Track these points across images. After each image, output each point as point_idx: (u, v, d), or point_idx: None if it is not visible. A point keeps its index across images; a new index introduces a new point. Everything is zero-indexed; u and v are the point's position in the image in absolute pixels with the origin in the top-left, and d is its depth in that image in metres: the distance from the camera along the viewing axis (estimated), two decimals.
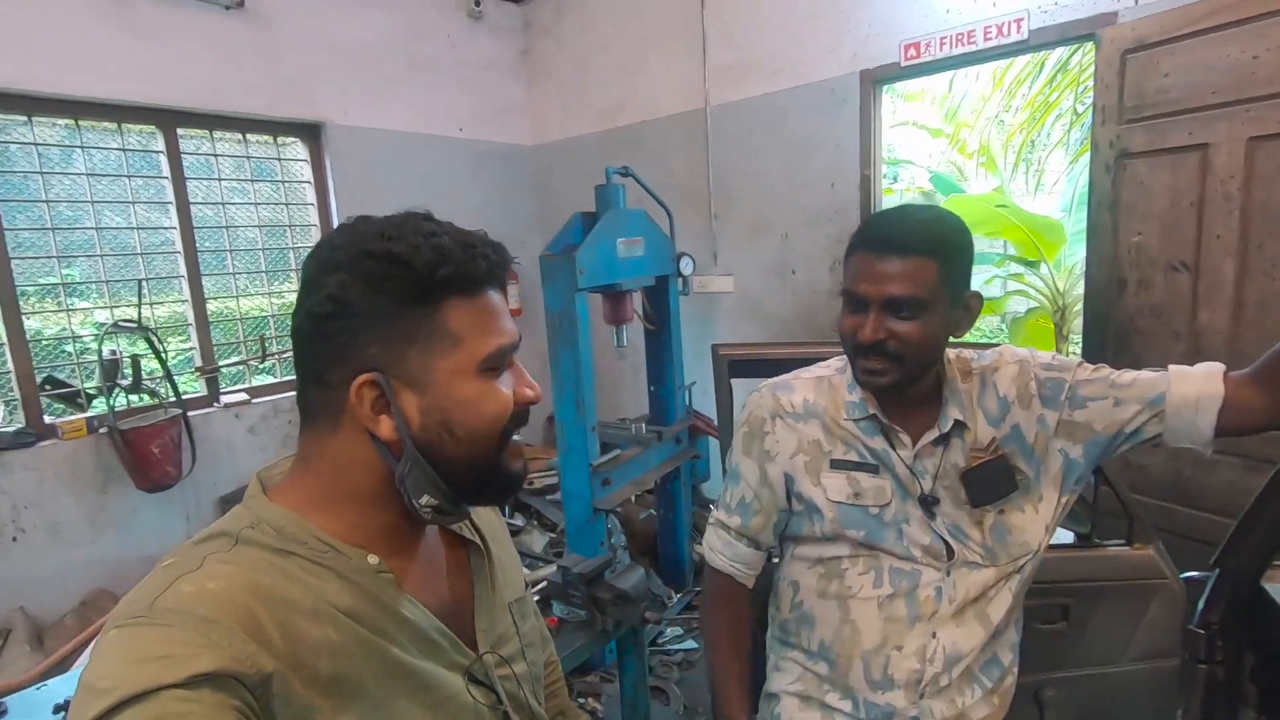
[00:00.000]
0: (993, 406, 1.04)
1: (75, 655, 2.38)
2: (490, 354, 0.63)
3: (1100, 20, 2.52)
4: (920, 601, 1.01)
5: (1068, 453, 1.02)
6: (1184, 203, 2.29)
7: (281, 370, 3.64)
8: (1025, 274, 5.43)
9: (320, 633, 0.57)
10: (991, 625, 1.02)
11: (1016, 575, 1.04)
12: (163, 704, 0.47)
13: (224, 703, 0.49)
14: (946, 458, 1.02)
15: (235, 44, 3.19)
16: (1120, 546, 1.48)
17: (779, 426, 1.09)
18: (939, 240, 0.94)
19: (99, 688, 0.47)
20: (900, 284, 0.92)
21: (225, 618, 0.52)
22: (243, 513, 0.63)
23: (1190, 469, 2.34)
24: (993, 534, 1.02)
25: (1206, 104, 2.19)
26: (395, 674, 0.62)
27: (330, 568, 0.61)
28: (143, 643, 0.50)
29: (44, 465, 2.74)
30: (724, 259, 3.79)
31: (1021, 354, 1.07)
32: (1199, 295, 2.28)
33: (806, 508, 1.07)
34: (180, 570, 0.55)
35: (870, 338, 0.94)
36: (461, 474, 0.64)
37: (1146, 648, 1.45)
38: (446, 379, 0.62)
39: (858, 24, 3.11)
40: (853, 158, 3.24)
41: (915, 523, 1.02)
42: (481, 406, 0.63)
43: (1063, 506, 1.06)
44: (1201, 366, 0.96)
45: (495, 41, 4.36)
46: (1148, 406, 0.96)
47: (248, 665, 0.51)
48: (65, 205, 2.91)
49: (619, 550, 3.12)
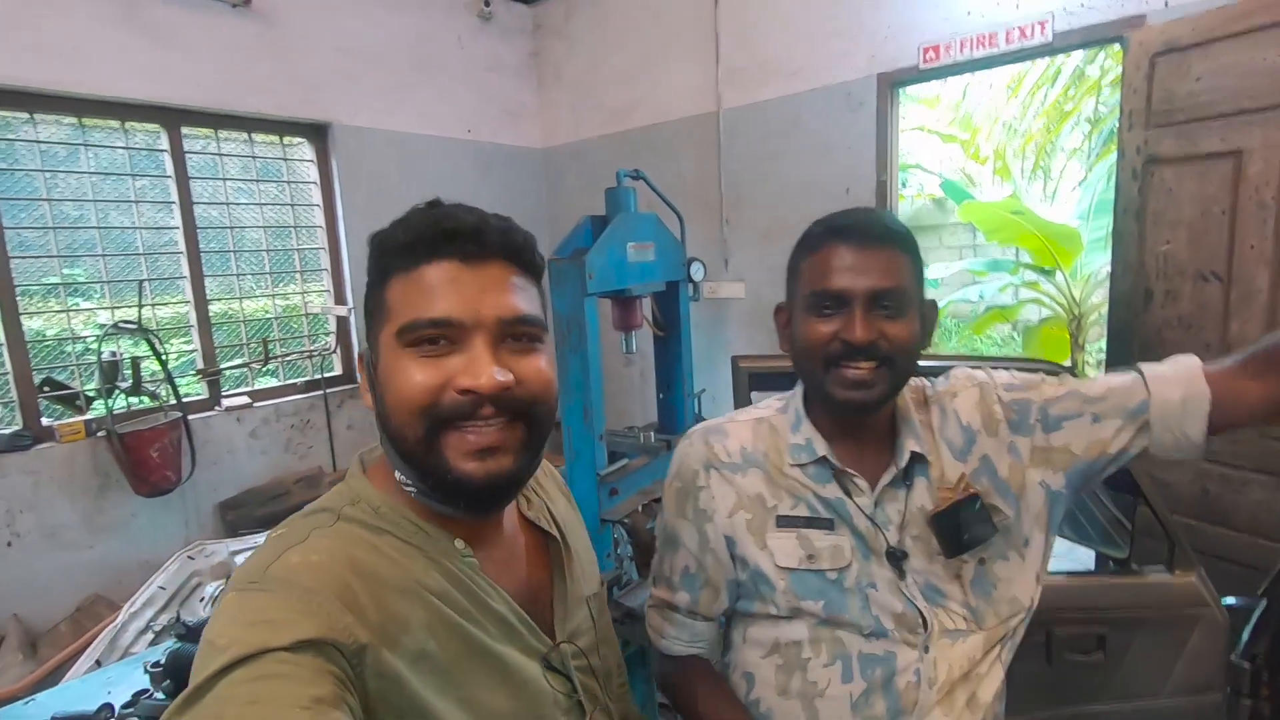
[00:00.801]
0: (956, 437, 0.90)
1: (68, 665, 2.32)
2: (404, 324, 0.60)
3: (1128, 23, 2.45)
4: (900, 692, 0.84)
5: (1049, 484, 0.88)
6: (1215, 210, 2.21)
7: (285, 373, 3.59)
8: (1040, 282, 5.35)
9: (409, 610, 0.60)
10: (982, 709, 0.86)
11: (1008, 641, 0.89)
12: (269, 665, 0.50)
13: (322, 668, 0.52)
14: (911, 501, 0.87)
15: (242, 43, 3.15)
16: (1160, 573, 1.40)
17: (714, 479, 0.92)
18: (907, 236, 0.86)
19: (219, 645, 0.51)
20: (886, 275, 0.81)
21: (326, 589, 0.55)
22: (344, 490, 0.66)
23: (1218, 486, 2.26)
24: (975, 590, 0.86)
25: (1241, 109, 2.12)
26: (476, 654, 0.63)
27: (419, 548, 0.63)
28: (254, 606, 0.54)
29: (40, 468, 2.69)
30: (735, 265, 3.73)
31: (979, 375, 0.94)
32: (1231, 306, 2.20)
33: (752, 577, 0.90)
34: (289, 542, 0.59)
35: (864, 337, 0.80)
36: (408, 459, 0.62)
37: (1187, 681, 1.37)
38: (383, 351, 0.63)
39: (875, 26, 3.05)
40: (868, 162, 3.17)
41: (884, 586, 0.86)
42: (397, 381, 0.61)
43: (1049, 550, 0.92)
44: (1174, 364, 0.84)
45: (505, 43, 4.32)
46: (1129, 419, 0.84)
47: (345, 635, 0.54)
48: (69, 204, 2.87)
49: (626, 561, 3.05)
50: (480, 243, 0.62)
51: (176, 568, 2.62)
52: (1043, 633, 1.34)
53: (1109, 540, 1.50)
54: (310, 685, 0.50)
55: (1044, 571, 0.92)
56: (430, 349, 0.60)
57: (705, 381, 3.40)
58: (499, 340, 0.62)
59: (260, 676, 0.49)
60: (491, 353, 0.60)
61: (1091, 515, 1.57)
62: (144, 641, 2.36)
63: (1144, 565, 1.41)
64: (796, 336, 0.89)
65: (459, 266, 0.61)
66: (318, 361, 3.62)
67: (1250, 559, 2.12)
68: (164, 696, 1.59)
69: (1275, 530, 2.09)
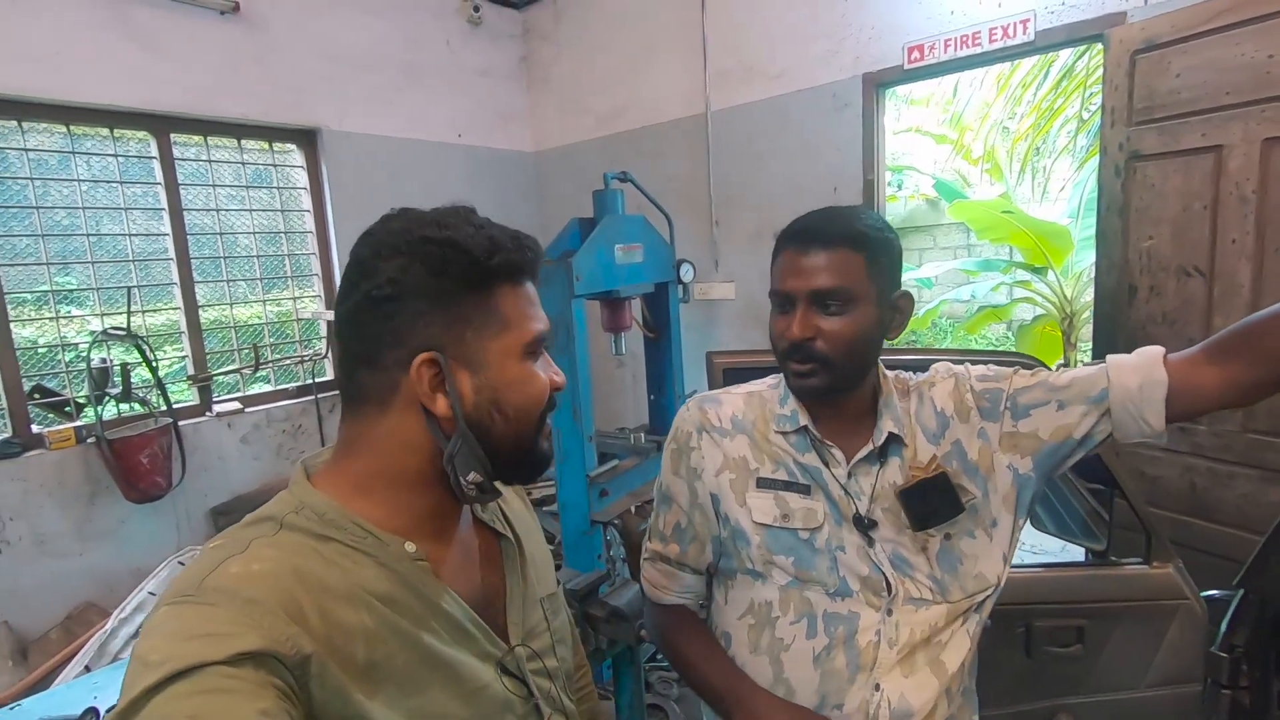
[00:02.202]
0: (931, 422, 0.97)
1: (58, 672, 2.32)
2: (534, 338, 0.67)
3: (1108, 20, 2.46)
4: (860, 649, 0.91)
5: (1017, 468, 0.94)
6: (1197, 206, 2.23)
7: (276, 379, 3.59)
8: (1032, 281, 5.36)
9: (356, 618, 0.59)
10: (947, 674, 0.91)
11: (974, 615, 0.94)
12: (208, 679, 0.48)
13: (264, 681, 0.51)
14: (884, 477, 0.94)
15: (231, 49, 3.16)
16: (1137, 565, 1.40)
17: (704, 441, 1.01)
18: (862, 234, 0.90)
19: (150, 660, 0.49)
20: (826, 276, 0.88)
21: (268, 599, 0.54)
22: (287, 498, 0.65)
23: (1205, 481, 2.27)
24: (940, 563, 0.92)
25: (1220, 105, 2.13)
26: (428, 661, 0.63)
27: (368, 554, 0.63)
28: (190, 620, 0.52)
29: (30, 475, 2.69)
30: (725, 265, 3.74)
31: (956, 369, 1.01)
32: (1214, 300, 2.21)
33: (732, 534, 0.98)
34: (228, 552, 0.58)
35: (799, 334, 0.89)
36: (505, 452, 0.67)
37: (1167, 672, 1.37)
38: (498, 360, 0.65)
39: (860, 26, 3.06)
40: (855, 162, 3.19)
41: (852, 550, 0.92)
42: (527, 387, 0.67)
43: (1019, 531, 0.97)
44: (1140, 353, 0.89)
45: (494, 47, 4.33)
46: (1092, 406, 0.90)
47: (288, 646, 0.53)
48: (59, 212, 2.87)
49: (618, 563, 3.05)
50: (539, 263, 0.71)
51: (167, 573, 2.63)
52: (1022, 625, 1.35)
53: (1087, 533, 1.51)
54: (253, 700, 0.49)
55: (1012, 552, 0.97)
56: (536, 355, 0.69)
57: (696, 382, 3.41)
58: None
59: (199, 692, 0.48)
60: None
61: (1070, 508, 1.57)
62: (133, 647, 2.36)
63: (1122, 558, 1.42)
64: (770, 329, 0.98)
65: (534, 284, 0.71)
66: (309, 367, 3.62)
67: (1237, 553, 2.12)
68: None
69: (1261, 524, 2.09)
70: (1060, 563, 1.64)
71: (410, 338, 0.63)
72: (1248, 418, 2.15)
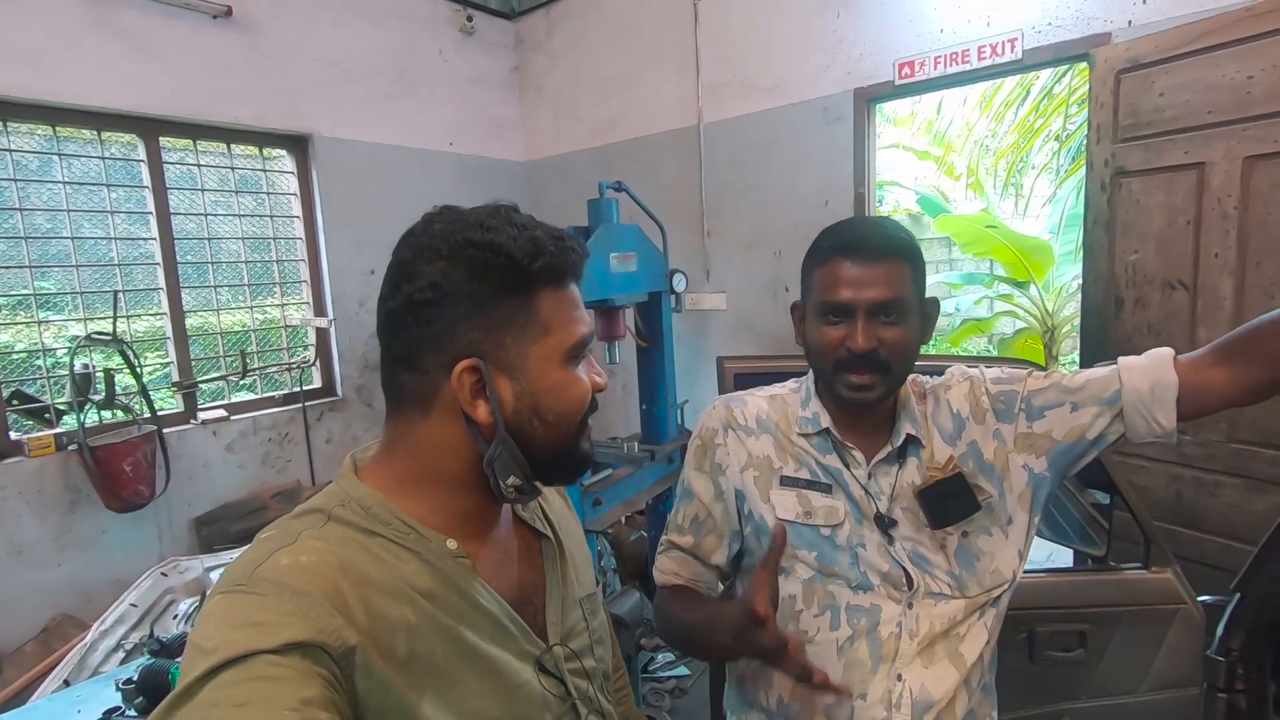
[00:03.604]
0: (947, 424, 1.00)
1: (34, 687, 2.25)
2: (576, 342, 0.67)
3: (1094, 40, 2.53)
4: (882, 640, 0.93)
5: (1032, 468, 0.97)
6: (1181, 221, 2.28)
7: (263, 386, 3.54)
8: (1014, 294, 5.46)
9: (399, 612, 0.60)
10: (965, 665, 0.93)
11: (991, 608, 0.97)
12: (257, 668, 0.50)
13: (311, 670, 0.52)
14: (902, 477, 0.97)
15: (222, 53, 3.14)
16: (1137, 570, 1.42)
17: (730, 439, 1.04)
18: (908, 244, 0.94)
19: (204, 647, 0.51)
20: (884, 287, 0.90)
21: (314, 591, 0.55)
22: (335, 490, 0.66)
23: (1192, 490, 2.31)
24: (959, 559, 0.95)
25: (1203, 123, 2.19)
26: (467, 657, 0.63)
27: (411, 549, 0.63)
28: (241, 608, 0.54)
29: (8, 483, 2.61)
30: (716, 276, 3.76)
31: (971, 372, 1.04)
32: (1198, 313, 2.26)
33: (755, 530, 1.01)
34: (278, 544, 0.59)
35: (864, 345, 0.90)
36: (546, 456, 0.67)
37: (1166, 676, 1.39)
38: (538, 365, 0.65)
39: (852, 42, 3.12)
40: (846, 176, 3.23)
41: (872, 547, 0.95)
42: (568, 392, 0.67)
43: (1034, 528, 1.00)
44: (1150, 355, 0.92)
45: (487, 57, 4.34)
46: (1105, 408, 0.93)
47: (333, 637, 0.54)
48: (41, 214, 2.82)
49: (609, 573, 3.03)
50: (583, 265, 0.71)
51: (149, 585, 2.56)
52: (1025, 631, 1.36)
53: (1086, 539, 1.53)
54: (299, 688, 0.50)
55: (1027, 548, 1.00)
56: (578, 359, 0.69)
57: (688, 392, 3.41)
58: None
59: (248, 679, 0.49)
60: None
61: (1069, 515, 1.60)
62: (114, 660, 2.30)
63: (1121, 563, 1.44)
64: (809, 337, 0.98)
65: (578, 286, 0.70)
66: (296, 374, 3.57)
67: (1223, 561, 2.16)
68: (136, 714, 1.55)
69: (1247, 532, 2.14)
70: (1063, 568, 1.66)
71: (451, 343, 0.63)
72: (1232, 428, 2.19)
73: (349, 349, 3.69)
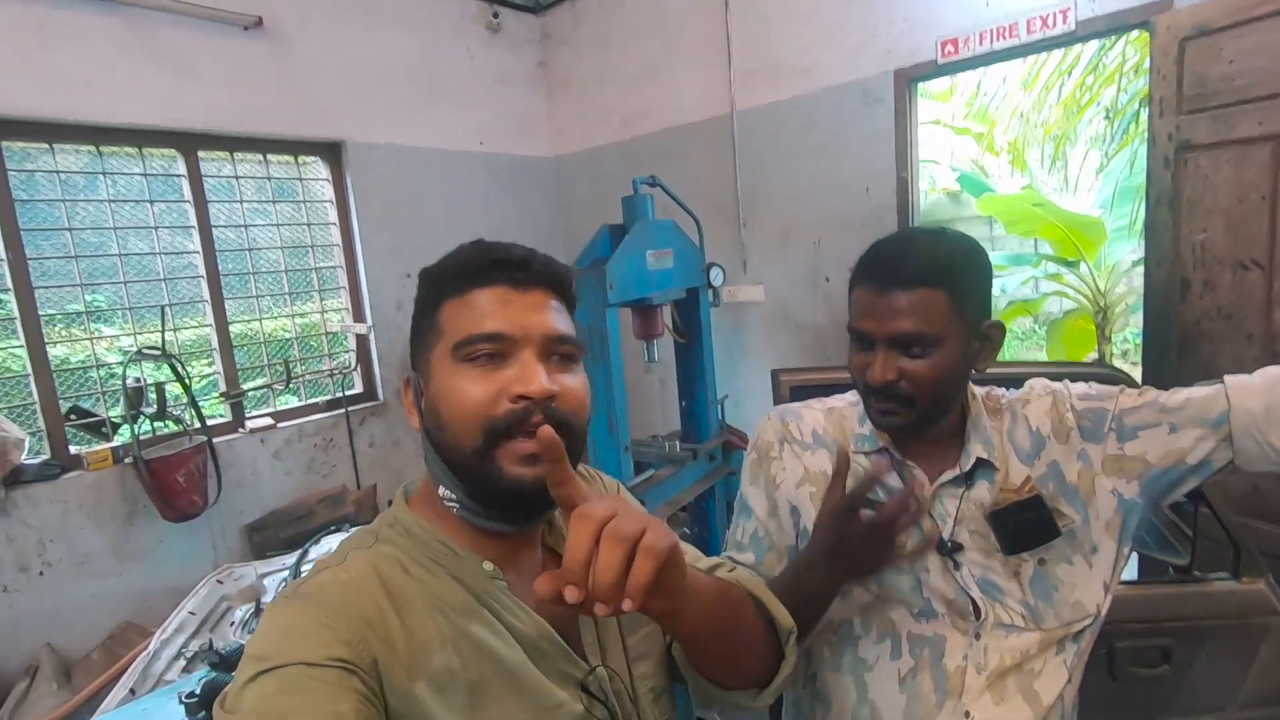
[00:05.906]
0: (1025, 442, 0.92)
1: (103, 694, 2.32)
2: (460, 339, 0.64)
3: (1153, 7, 2.38)
4: (949, 674, 0.87)
5: (1121, 493, 0.88)
6: (1254, 197, 2.14)
7: (306, 392, 3.59)
8: (1064, 274, 5.25)
9: (434, 629, 0.62)
10: (1042, 706, 0.85)
11: (1072, 644, 0.89)
12: (295, 679, 0.53)
13: (345, 682, 0.54)
14: (969, 499, 0.90)
15: (254, 65, 3.16)
16: (1225, 580, 1.33)
17: (786, 453, 0.99)
18: (945, 268, 0.83)
19: (251, 654, 0.56)
20: (906, 319, 0.82)
21: (348, 605, 0.59)
22: (385, 515, 0.72)
23: (1269, 482, 2.18)
24: (1034, 589, 0.87)
25: (1277, 92, 2.05)
26: (502, 675, 0.63)
27: (448, 569, 0.66)
28: (285, 620, 0.58)
29: (69, 497, 2.70)
30: (753, 268, 3.68)
31: (1054, 386, 0.96)
32: (1274, 295, 2.13)
33: None
34: (330, 563, 0.65)
35: (879, 379, 0.85)
36: (459, 471, 0.65)
37: (1258, 693, 1.30)
38: (436, 369, 0.66)
39: (890, 21, 3.00)
40: (887, 160, 3.12)
41: (936, 572, 0.88)
42: (455, 394, 0.64)
43: (1124, 560, 0.92)
44: (1263, 374, 0.83)
45: (513, 54, 4.31)
46: (1211, 430, 0.84)
47: (361, 650, 0.57)
48: (89, 232, 2.88)
49: None
50: (527, 270, 0.67)
51: (206, 592, 2.62)
52: (1104, 646, 1.28)
53: (1166, 546, 1.44)
54: (333, 700, 0.53)
55: (1114, 581, 0.91)
56: (485, 362, 0.64)
57: (727, 388, 3.35)
58: (545, 355, 0.66)
59: (287, 690, 0.53)
60: (540, 364, 0.65)
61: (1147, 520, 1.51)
62: (176, 668, 2.35)
63: (1207, 572, 1.35)
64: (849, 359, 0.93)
65: (508, 290, 0.66)
66: (338, 380, 3.61)
67: None
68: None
69: None
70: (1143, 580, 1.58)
71: (414, 363, 0.70)
72: None
73: (388, 352, 3.71)
